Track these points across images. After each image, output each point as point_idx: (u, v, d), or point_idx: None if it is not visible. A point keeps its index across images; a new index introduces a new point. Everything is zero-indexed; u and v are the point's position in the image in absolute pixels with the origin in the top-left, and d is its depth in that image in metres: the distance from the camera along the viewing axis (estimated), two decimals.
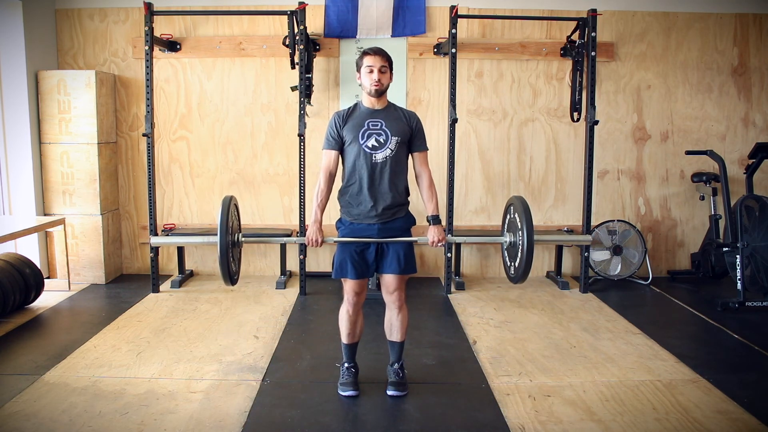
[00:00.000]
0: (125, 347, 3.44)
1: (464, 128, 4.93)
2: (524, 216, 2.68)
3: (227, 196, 2.74)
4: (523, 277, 2.73)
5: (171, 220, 5.00)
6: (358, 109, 2.81)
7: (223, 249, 2.59)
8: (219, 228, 2.60)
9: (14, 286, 3.88)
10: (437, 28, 4.85)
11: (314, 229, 2.77)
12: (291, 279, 4.90)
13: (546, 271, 5.13)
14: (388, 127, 2.75)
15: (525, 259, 2.67)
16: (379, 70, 2.71)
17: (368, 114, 2.77)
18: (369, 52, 2.75)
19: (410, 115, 2.86)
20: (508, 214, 2.92)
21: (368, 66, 2.72)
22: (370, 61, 2.72)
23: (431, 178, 2.86)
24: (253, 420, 2.63)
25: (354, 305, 2.86)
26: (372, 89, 2.73)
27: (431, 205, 2.82)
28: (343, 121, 2.77)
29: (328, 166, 2.80)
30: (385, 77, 2.74)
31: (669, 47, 4.96)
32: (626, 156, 5.06)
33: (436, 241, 2.80)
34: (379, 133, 2.74)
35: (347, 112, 2.80)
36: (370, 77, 2.72)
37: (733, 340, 3.66)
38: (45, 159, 4.66)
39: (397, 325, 2.89)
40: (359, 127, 2.75)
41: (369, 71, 2.72)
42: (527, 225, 2.65)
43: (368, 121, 2.75)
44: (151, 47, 4.36)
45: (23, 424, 2.57)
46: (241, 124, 4.95)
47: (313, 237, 2.77)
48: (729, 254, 4.36)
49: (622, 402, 2.81)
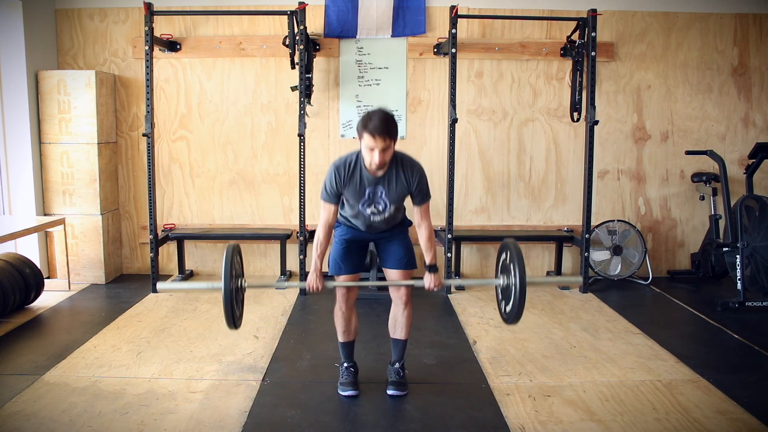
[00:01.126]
0: (125, 347, 3.44)
1: (464, 128, 4.93)
2: (517, 259, 2.66)
3: (231, 244, 2.71)
4: (517, 319, 2.72)
5: (171, 220, 5.01)
6: (359, 171, 2.67)
7: (227, 295, 2.58)
8: (223, 274, 2.57)
9: (14, 286, 3.88)
10: (437, 28, 4.85)
11: (314, 277, 2.76)
12: (291, 279, 4.90)
13: (546, 271, 5.13)
14: (388, 196, 2.70)
15: (518, 302, 2.65)
16: (381, 150, 2.54)
17: (369, 181, 2.68)
18: (370, 131, 2.51)
19: (411, 173, 2.70)
20: (501, 256, 2.92)
21: (369, 146, 2.55)
22: (371, 142, 2.52)
23: (431, 230, 2.81)
24: (253, 420, 2.63)
25: (346, 301, 2.87)
26: (373, 168, 2.61)
27: (429, 255, 2.80)
28: (343, 183, 2.68)
29: (328, 219, 2.76)
30: (388, 154, 2.57)
31: (669, 47, 4.96)
32: (626, 156, 5.06)
33: (432, 287, 2.79)
34: (378, 202, 2.71)
35: (347, 171, 2.67)
36: (370, 155, 2.56)
37: (733, 340, 3.66)
38: (45, 159, 4.66)
39: (402, 321, 2.90)
40: (359, 195, 2.69)
41: (369, 150, 2.55)
42: (520, 267, 2.63)
43: (368, 189, 2.69)
44: (151, 47, 4.36)
45: (23, 424, 2.57)
46: (241, 124, 4.95)
47: (314, 285, 2.76)
48: (729, 254, 4.36)
49: (622, 402, 2.81)
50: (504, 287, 2.78)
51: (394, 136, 2.57)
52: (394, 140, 2.58)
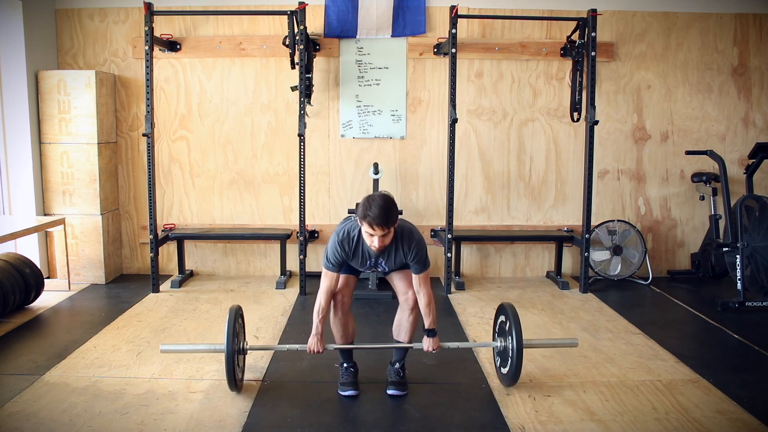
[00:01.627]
0: (125, 347, 3.43)
1: (464, 128, 4.93)
2: (513, 322, 2.78)
3: (233, 306, 2.84)
4: (515, 380, 2.84)
5: (171, 220, 5.01)
6: (361, 246, 2.73)
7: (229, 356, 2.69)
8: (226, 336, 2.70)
9: (14, 286, 3.88)
10: (437, 28, 4.85)
11: (315, 341, 2.80)
12: (291, 279, 4.91)
13: (546, 271, 5.13)
14: (388, 264, 2.79)
15: (516, 363, 2.77)
16: (380, 237, 2.57)
17: (371, 254, 2.74)
18: (370, 222, 2.53)
19: (409, 247, 2.73)
20: (498, 318, 3.00)
21: (369, 233, 2.59)
22: (370, 230, 2.56)
23: (430, 297, 2.81)
24: (253, 420, 2.63)
25: (341, 307, 2.87)
26: (373, 251, 2.68)
27: (428, 320, 2.83)
28: (346, 256, 2.74)
29: (330, 287, 2.79)
30: (387, 239, 2.61)
31: (669, 47, 4.96)
32: (626, 156, 5.06)
33: (430, 350, 2.85)
34: (378, 267, 2.82)
35: (350, 245, 2.73)
36: (370, 240, 2.61)
37: (733, 340, 3.66)
38: (45, 159, 4.66)
39: (407, 326, 2.90)
40: (362, 264, 2.81)
41: (369, 236, 2.60)
42: (517, 331, 2.75)
43: (370, 261, 2.78)
44: (151, 47, 4.36)
45: (23, 424, 2.57)
46: (241, 124, 4.95)
47: (315, 348, 2.81)
48: (729, 254, 4.36)
49: (622, 402, 2.81)
50: (501, 350, 2.91)
51: (393, 224, 2.59)
52: (393, 226, 2.60)
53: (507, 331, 2.83)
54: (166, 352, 2.98)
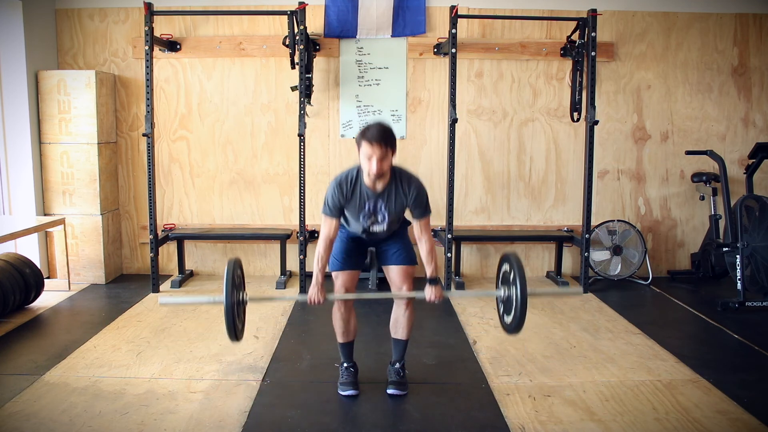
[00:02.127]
0: (125, 347, 3.44)
1: (464, 128, 4.93)
2: (518, 271, 2.70)
3: (231, 259, 2.74)
4: (518, 330, 2.75)
5: (171, 220, 5.01)
6: (359, 187, 2.70)
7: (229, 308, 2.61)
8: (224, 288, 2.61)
9: (14, 286, 3.88)
10: (437, 28, 4.85)
11: (315, 290, 2.78)
12: (291, 279, 4.91)
13: (546, 271, 5.13)
14: (387, 208, 2.73)
15: (519, 313, 2.69)
16: (379, 159, 2.56)
17: (369, 196, 2.71)
18: (368, 139, 2.55)
19: (409, 188, 2.72)
20: (502, 267, 2.94)
21: (367, 154, 2.57)
22: (369, 150, 2.56)
23: (432, 244, 2.81)
24: (253, 420, 2.63)
25: (345, 302, 2.87)
26: (372, 176, 2.64)
27: (430, 268, 2.80)
28: (344, 197, 2.71)
29: (329, 234, 2.77)
30: (386, 162, 2.60)
31: (669, 47, 4.96)
32: (626, 156, 5.06)
33: (433, 299, 2.79)
34: (378, 215, 2.75)
35: (348, 186, 2.70)
36: (369, 164, 2.59)
37: (733, 340, 3.66)
38: (45, 159, 4.66)
39: (404, 322, 2.90)
40: (359, 208, 2.73)
41: (367, 158, 2.58)
42: (521, 280, 2.67)
43: (369, 204, 2.72)
44: (151, 47, 4.36)
45: (23, 424, 2.57)
46: (241, 124, 4.95)
47: (315, 298, 2.79)
48: (729, 254, 4.36)
49: (622, 402, 2.81)
50: (505, 299, 2.82)
51: (391, 146, 2.59)
52: (391, 150, 2.60)
53: (511, 279, 2.76)
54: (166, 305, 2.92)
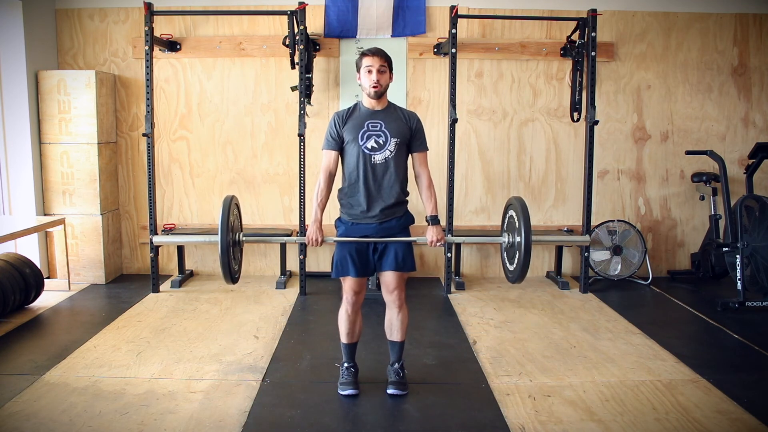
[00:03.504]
0: (125, 347, 3.44)
1: (464, 128, 4.93)
2: (522, 216, 2.71)
3: (228, 196, 2.78)
4: (521, 278, 2.79)
5: (171, 220, 5.00)
6: (358, 109, 2.81)
7: (224, 248, 2.63)
8: (220, 227, 2.64)
9: (14, 286, 3.88)
10: (437, 28, 4.85)
11: (314, 229, 2.79)
12: (291, 279, 4.90)
13: (546, 271, 5.13)
14: (388, 128, 2.76)
15: (523, 259, 2.71)
16: (378, 71, 2.72)
17: (368, 115, 2.78)
18: (367, 52, 2.75)
19: (410, 116, 2.86)
20: (506, 214, 2.94)
21: (367, 66, 2.73)
22: (369, 61, 2.73)
23: (430, 179, 2.87)
24: (253, 420, 2.63)
25: (353, 305, 2.86)
26: (371, 90, 2.74)
27: (430, 205, 2.83)
28: (342, 122, 2.78)
29: (328, 165, 2.82)
30: (384, 77, 2.75)
31: (669, 47, 4.96)
32: (626, 156, 5.06)
33: (434, 241, 2.82)
34: (379, 135, 2.75)
35: (347, 112, 2.81)
36: (369, 77, 2.73)
37: (733, 340, 3.66)
38: (45, 159, 4.66)
39: (397, 324, 2.89)
40: (359, 128, 2.75)
41: (368, 71, 2.73)
42: (525, 225, 2.70)
43: (368, 122, 2.76)
44: (151, 47, 4.36)
45: (23, 424, 2.57)
46: (241, 124, 4.95)
47: (313, 236, 2.79)
48: (729, 254, 4.36)
49: (622, 402, 2.81)
50: (509, 245, 2.85)
51: (389, 64, 2.78)
52: (390, 67, 2.78)
53: (515, 226, 2.77)
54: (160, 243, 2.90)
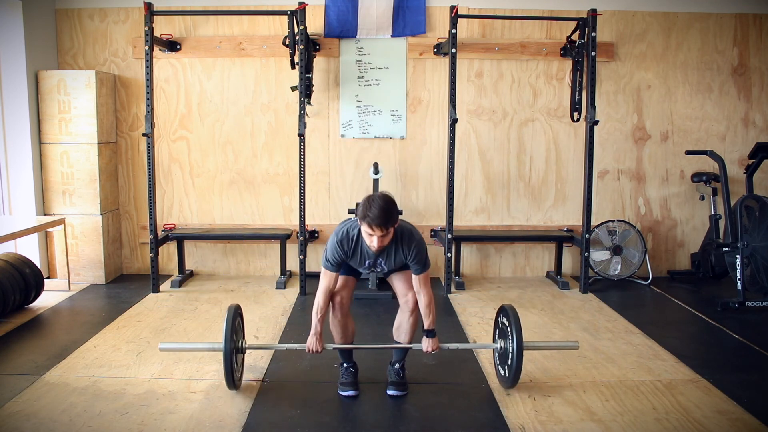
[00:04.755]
0: (125, 347, 3.43)
1: (464, 128, 4.93)
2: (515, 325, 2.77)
3: (232, 305, 2.84)
4: (514, 383, 2.83)
5: (171, 220, 5.01)
6: (360, 246, 2.72)
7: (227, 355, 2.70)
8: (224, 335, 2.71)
9: (14, 286, 3.87)
10: (437, 28, 4.85)
11: (314, 340, 2.80)
12: (291, 279, 4.91)
13: (546, 271, 5.13)
14: (387, 264, 2.79)
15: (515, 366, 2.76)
16: (380, 237, 2.58)
17: (370, 255, 2.74)
18: (369, 222, 2.54)
19: (409, 248, 2.72)
20: (499, 320, 2.98)
21: (368, 233, 2.59)
22: (370, 231, 2.57)
23: (430, 297, 2.81)
24: (253, 420, 2.63)
25: (340, 309, 2.86)
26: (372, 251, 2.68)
27: (428, 321, 2.82)
28: (345, 255, 2.74)
29: (329, 286, 2.79)
30: (386, 239, 2.61)
31: (669, 47, 4.96)
32: (626, 156, 5.06)
33: (430, 350, 2.85)
34: (377, 268, 2.81)
35: (349, 245, 2.72)
36: (369, 240, 2.62)
37: (733, 340, 3.66)
38: (45, 159, 4.66)
39: (407, 328, 2.89)
40: (360, 264, 2.80)
41: (368, 236, 2.60)
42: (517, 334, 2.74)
43: (369, 261, 2.77)
44: (151, 47, 4.36)
45: (23, 424, 2.57)
46: (241, 124, 4.95)
47: (314, 347, 2.81)
48: (729, 254, 4.36)
49: (622, 402, 2.81)
50: (501, 352, 2.91)
51: (392, 224, 2.59)
52: (393, 227, 2.60)
53: (507, 333, 2.83)
54: (166, 350, 2.99)
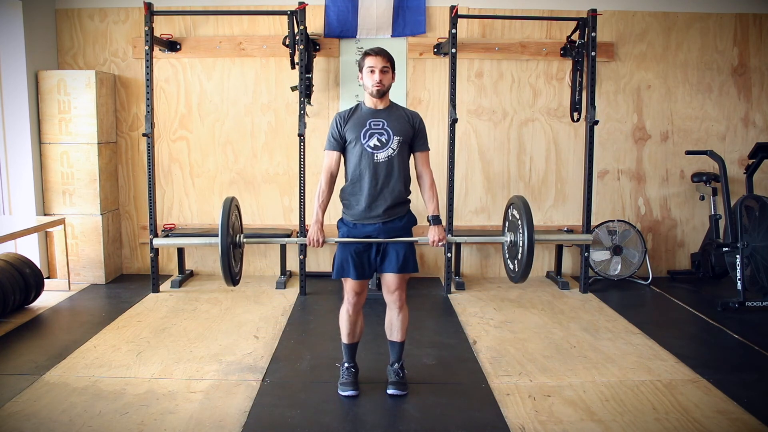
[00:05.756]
0: (125, 347, 3.44)
1: (464, 128, 4.93)
2: (525, 215, 2.71)
3: (228, 197, 2.77)
4: (524, 277, 2.78)
5: (171, 220, 5.00)
6: (360, 109, 2.81)
7: (224, 249, 2.62)
8: (220, 228, 2.64)
9: (14, 286, 3.87)
10: (437, 28, 4.85)
11: (315, 229, 2.79)
12: (291, 279, 4.91)
13: (546, 271, 5.13)
14: (390, 126, 2.75)
15: (526, 258, 2.70)
16: (381, 71, 2.71)
17: (370, 114, 2.77)
18: (370, 52, 2.74)
19: (412, 115, 2.84)
20: (508, 213, 2.93)
21: (369, 66, 2.72)
22: (372, 61, 2.72)
23: (432, 179, 2.86)
24: (253, 420, 2.63)
25: (354, 305, 2.86)
26: (374, 90, 2.73)
27: (432, 205, 2.83)
28: (344, 121, 2.78)
29: (330, 166, 2.81)
30: (386, 77, 2.74)
31: (669, 47, 4.96)
32: (626, 156, 5.06)
33: (436, 240, 2.81)
34: (381, 133, 2.74)
35: (349, 112, 2.81)
36: (371, 77, 2.72)
37: (733, 340, 3.66)
38: (45, 159, 4.66)
39: (398, 325, 2.89)
40: (361, 126, 2.75)
41: (370, 71, 2.72)
42: (528, 224, 2.69)
43: (370, 120, 2.75)
44: (151, 47, 4.36)
45: (23, 424, 2.57)
46: (241, 124, 4.95)
47: (314, 237, 2.79)
48: (729, 254, 4.36)
49: (622, 402, 2.81)
50: (511, 244, 2.84)
51: (391, 63, 2.75)
52: (392, 67, 2.76)
53: (518, 225, 2.76)
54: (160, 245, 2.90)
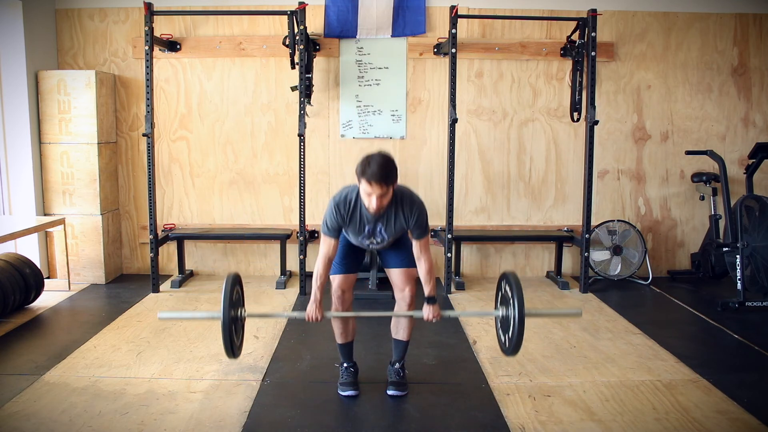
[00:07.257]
0: (125, 347, 3.44)
1: (464, 128, 4.93)
2: (516, 291, 2.65)
3: (231, 274, 2.74)
4: (515, 351, 2.71)
5: (171, 220, 5.01)
6: (359, 210, 2.69)
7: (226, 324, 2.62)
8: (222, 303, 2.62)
9: (14, 286, 3.87)
10: (437, 28, 4.85)
11: (314, 308, 2.77)
12: (291, 279, 4.91)
13: (546, 271, 5.13)
14: (387, 231, 2.73)
15: (516, 335, 2.64)
16: (378, 196, 2.55)
17: (369, 219, 2.70)
18: (368, 178, 2.51)
19: (410, 211, 2.70)
20: (501, 285, 2.91)
21: (367, 192, 2.56)
22: (368, 189, 2.53)
23: (431, 264, 2.80)
24: (253, 420, 2.63)
25: (342, 303, 2.86)
26: (371, 212, 2.64)
27: (428, 287, 2.80)
28: (343, 220, 2.71)
29: (327, 253, 2.77)
30: (385, 199, 2.58)
31: (669, 47, 4.96)
32: (626, 156, 5.06)
33: (431, 318, 2.78)
34: (377, 236, 2.75)
35: (347, 209, 2.69)
36: (368, 200, 2.58)
37: (733, 340, 3.66)
38: (45, 159, 4.66)
39: (405, 323, 2.89)
40: (359, 231, 2.73)
41: (367, 195, 2.57)
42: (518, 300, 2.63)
43: (368, 226, 2.72)
44: (151, 47, 4.36)
45: (23, 424, 2.57)
46: (241, 124, 4.95)
47: (313, 315, 2.77)
48: (729, 254, 4.36)
49: (622, 402, 2.81)
50: (503, 319, 2.82)
51: (392, 182, 2.56)
52: (392, 185, 2.58)
53: (509, 300, 2.74)
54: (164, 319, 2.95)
